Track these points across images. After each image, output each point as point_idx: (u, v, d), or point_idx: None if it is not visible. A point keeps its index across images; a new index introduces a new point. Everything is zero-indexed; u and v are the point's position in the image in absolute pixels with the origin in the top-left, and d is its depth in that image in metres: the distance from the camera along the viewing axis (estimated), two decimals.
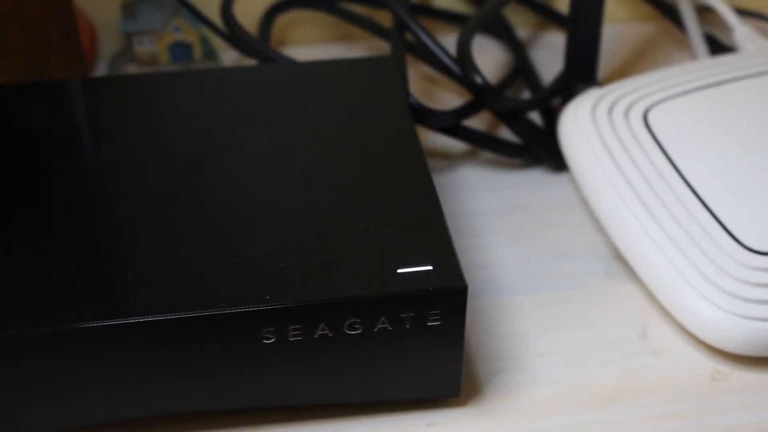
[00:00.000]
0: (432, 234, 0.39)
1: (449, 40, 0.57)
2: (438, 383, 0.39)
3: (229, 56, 0.64)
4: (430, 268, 0.37)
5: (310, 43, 0.66)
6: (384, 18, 0.64)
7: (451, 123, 0.52)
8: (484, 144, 0.53)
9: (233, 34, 0.56)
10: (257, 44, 0.55)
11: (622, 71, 0.62)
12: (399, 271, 0.37)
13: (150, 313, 0.35)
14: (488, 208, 0.51)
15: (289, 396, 0.39)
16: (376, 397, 0.39)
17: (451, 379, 0.39)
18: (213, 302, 0.36)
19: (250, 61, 0.62)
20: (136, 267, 0.37)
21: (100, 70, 0.63)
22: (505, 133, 0.56)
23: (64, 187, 0.42)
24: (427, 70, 0.62)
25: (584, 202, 0.51)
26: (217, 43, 0.63)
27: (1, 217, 0.40)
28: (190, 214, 0.40)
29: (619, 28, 0.66)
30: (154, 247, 0.38)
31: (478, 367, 0.42)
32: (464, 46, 0.52)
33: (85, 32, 0.62)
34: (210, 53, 0.62)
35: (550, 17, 0.66)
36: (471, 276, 0.46)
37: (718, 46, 0.61)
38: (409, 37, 0.59)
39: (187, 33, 0.60)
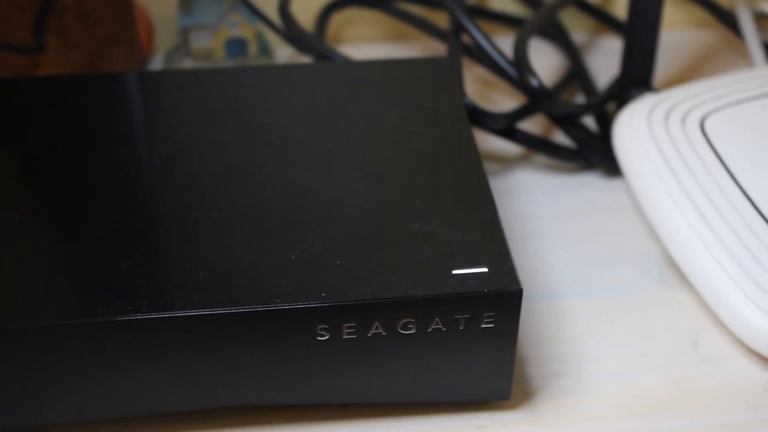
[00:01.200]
0: (488, 236, 0.39)
1: (503, 43, 0.57)
2: (489, 385, 0.39)
3: (283, 53, 0.64)
4: (486, 270, 0.37)
5: (364, 41, 0.66)
6: (439, 19, 0.64)
7: (505, 125, 0.52)
8: (538, 147, 0.53)
9: (290, 30, 0.56)
10: (314, 42, 0.55)
11: (678, 77, 0.62)
12: (454, 272, 0.37)
13: (206, 307, 0.36)
14: (541, 211, 0.51)
15: (340, 393, 0.39)
16: (427, 398, 0.39)
17: (503, 381, 0.39)
18: (268, 298, 0.36)
19: (305, 59, 0.62)
20: (193, 261, 0.38)
21: (156, 64, 0.64)
22: (559, 137, 0.56)
23: (120, 180, 0.42)
24: (481, 72, 0.62)
25: (638, 208, 0.51)
26: (272, 39, 0.63)
27: (59, 209, 0.40)
28: (247, 209, 0.40)
29: (676, 35, 0.66)
30: (210, 241, 0.39)
31: (529, 371, 0.42)
32: (521, 49, 0.52)
33: (142, 26, 0.62)
34: (265, 50, 0.62)
35: (606, 22, 0.65)
36: (523, 279, 0.46)
37: None
38: (464, 38, 0.58)
39: (243, 29, 0.61)
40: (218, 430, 0.39)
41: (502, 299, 0.37)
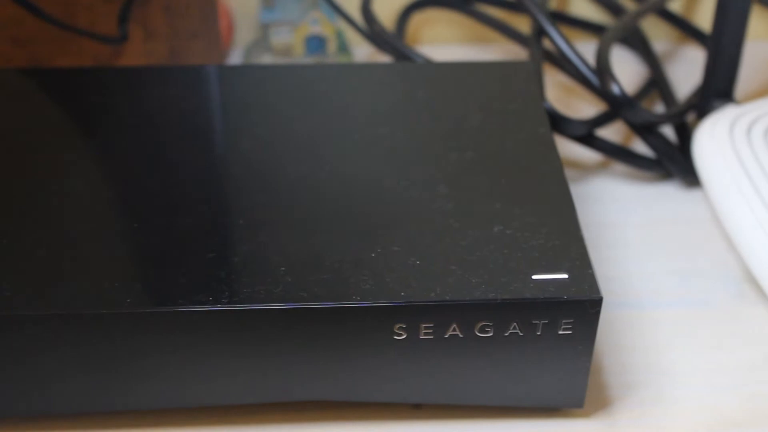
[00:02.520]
0: (568, 242, 0.39)
1: (583, 49, 0.57)
2: (562, 393, 0.39)
3: (360, 52, 0.65)
4: (566, 276, 0.37)
5: (442, 42, 0.66)
6: (518, 22, 0.64)
7: (584, 132, 0.52)
8: (616, 155, 0.52)
9: (371, 29, 0.56)
10: (394, 41, 0.55)
11: (761, 90, 0.61)
12: (534, 277, 0.37)
13: (286, 302, 0.36)
14: (618, 220, 0.51)
15: (413, 393, 0.39)
16: (499, 402, 0.39)
17: (577, 389, 0.39)
18: (348, 295, 0.36)
19: (383, 58, 0.62)
20: (274, 255, 0.38)
21: (235, 58, 0.64)
22: (638, 146, 0.56)
23: (201, 173, 0.43)
24: (560, 77, 0.62)
25: (716, 220, 0.50)
26: (351, 38, 0.63)
27: (142, 198, 0.41)
28: (328, 206, 0.40)
29: (760, 46, 0.65)
30: (291, 236, 0.39)
31: (604, 380, 0.42)
32: (603, 56, 0.52)
33: (224, 20, 0.63)
34: (343, 48, 0.63)
35: (688, 32, 0.65)
36: (601, 287, 0.45)
37: None
38: (544, 43, 0.58)
39: (324, 26, 0.61)
40: (292, 424, 0.40)
41: (582, 307, 0.36)
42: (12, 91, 0.48)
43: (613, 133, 0.57)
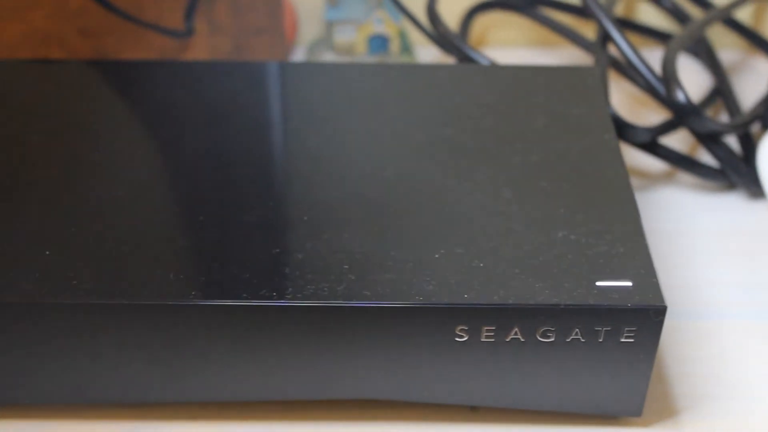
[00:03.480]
0: (632, 250, 0.38)
1: (647, 56, 0.56)
2: (621, 401, 0.39)
3: (422, 53, 0.65)
4: (630, 284, 0.37)
5: (505, 45, 0.66)
6: (583, 28, 0.63)
7: (648, 139, 0.52)
8: (680, 164, 0.52)
9: (436, 30, 0.56)
10: (459, 43, 0.55)
11: None
12: (598, 284, 0.37)
13: (349, 300, 0.36)
14: (681, 229, 0.50)
15: (471, 395, 0.39)
16: (557, 408, 0.39)
17: (636, 398, 0.39)
18: (411, 295, 0.36)
19: (446, 59, 0.62)
20: (338, 253, 0.38)
21: (298, 55, 0.64)
22: (703, 156, 0.55)
23: (266, 168, 0.43)
24: (624, 84, 0.61)
25: None
26: (414, 38, 0.63)
27: (208, 192, 0.41)
28: (392, 205, 0.41)
29: None
30: (355, 234, 0.39)
31: (668, 390, 0.41)
32: (669, 64, 0.51)
33: (288, 17, 0.63)
34: (406, 48, 0.63)
35: (754, 41, 0.64)
36: (664, 296, 0.45)
37: None
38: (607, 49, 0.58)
39: (388, 26, 0.61)
40: (350, 422, 0.40)
41: (645, 315, 0.36)
42: (78, 82, 0.49)
43: (677, 141, 0.56)
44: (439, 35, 0.56)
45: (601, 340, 0.37)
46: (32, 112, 0.46)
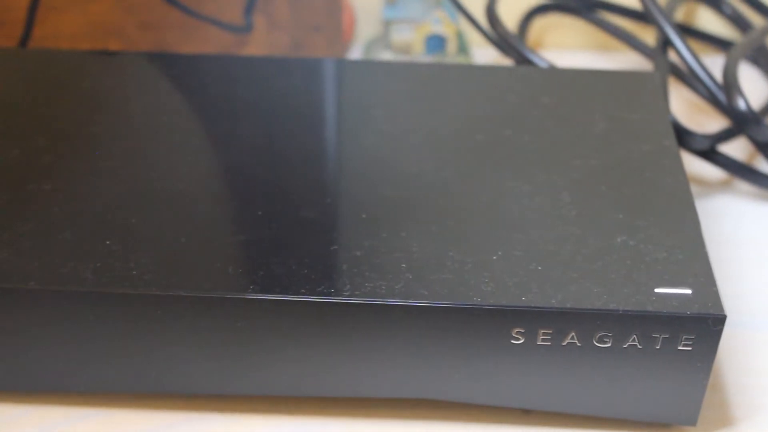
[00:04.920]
0: (692, 257, 0.38)
1: (708, 63, 0.56)
2: (676, 409, 0.39)
3: (479, 53, 0.65)
4: (689, 292, 0.36)
5: (563, 48, 0.66)
6: (641, 33, 0.63)
7: (707, 146, 0.51)
8: (738, 172, 0.52)
9: (495, 31, 0.56)
10: (518, 44, 0.55)
11: None
12: (657, 290, 0.37)
13: (407, 298, 0.36)
14: (738, 237, 0.50)
15: (525, 398, 0.39)
16: (611, 413, 0.39)
17: (691, 406, 0.38)
18: (469, 296, 0.36)
19: (502, 60, 0.62)
20: (396, 251, 0.38)
21: (354, 53, 0.65)
22: (761, 164, 0.55)
23: (322, 164, 0.43)
24: (682, 90, 0.61)
25: None
26: (471, 39, 0.63)
27: (265, 188, 0.41)
28: (450, 205, 0.41)
29: None
30: (413, 233, 0.39)
31: (726, 399, 0.41)
32: (731, 71, 0.51)
33: (346, 15, 0.63)
34: (463, 49, 0.62)
35: None
36: (723, 304, 0.44)
37: None
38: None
39: (445, 26, 0.61)
40: (402, 421, 0.40)
41: (704, 323, 0.36)
42: (137, 74, 0.49)
43: (735, 149, 0.56)
44: (498, 36, 0.56)
45: (658, 347, 0.37)
46: (92, 103, 0.47)
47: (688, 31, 0.64)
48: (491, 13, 0.57)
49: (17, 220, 0.39)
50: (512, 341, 0.37)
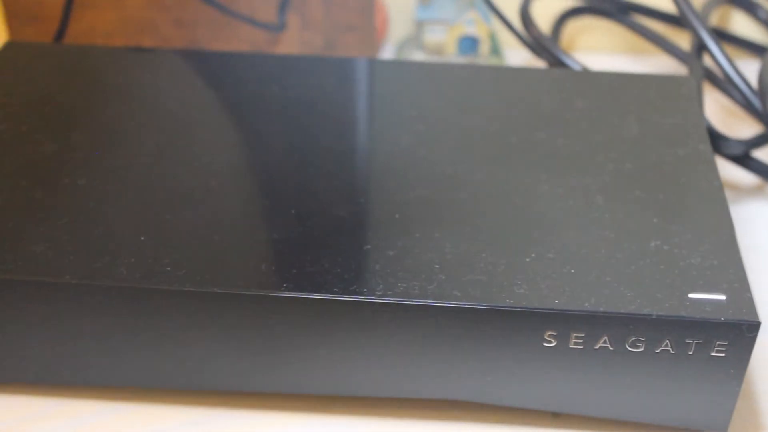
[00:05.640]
0: (726, 263, 0.38)
1: (742, 68, 0.55)
2: (707, 415, 0.38)
3: (511, 55, 0.64)
4: (723, 298, 0.36)
5: (596, 51, 0.66)
6: (676, 36, 0.63)
7: (741, 152, 0.51)
8: None
9: (529, 33, 0.56)
10: (552, 46, 0.55)
11: None
12: (690, 296, 0.36)
13: (439, 299, 0.36)
14: None
15: (555, 401, 0.39)
16: (641, 418, 0.39)
17: (723, 413, 0.38)
18: (502, 298, 0.36)
19: (535, 62, 0.62)
20: (430, 252, 0.38)
21: (386, 53, 0.65)
22: None
23: (355, 163, 0.43)
24: (716, 94, 0.60)
25: None
26: (503, 41, 0.63)
27: (296, 187, 0.41)
28: (483, 206, 0.40)
29: None
30: (446, 234, 0.39)
31: (758, 407, 0.41)
32: (766, 77, 0.51)
33: (379, 15, 0.63)
34: (496, 50, 0.62)
35: None
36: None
37: None
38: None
39: (478, 27, 0.61)
40: (430, 421, 0.40)
41: (738, 330, 0.36)
42: (170, 71, 0.49)
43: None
44: (532, 38, 0.56)
45: (691, 353, 0.36)
46: (126, 99, 0.47)
47: (722, 35, 0.64)
48: (525, 15, 0.57)
49: (52, 215, 0.39)
50: (544, 344, 0.37)
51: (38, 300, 0.37)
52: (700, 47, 0.55)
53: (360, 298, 0.36)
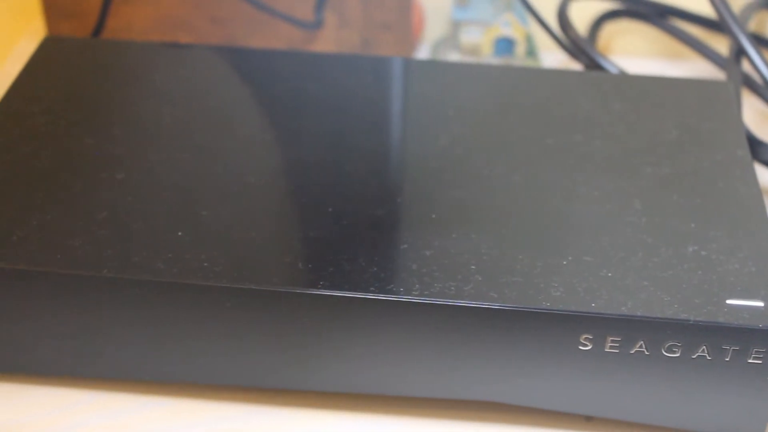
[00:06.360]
0: (764, 270, 0.38)
1: None
2: (742, 422, 0.38)
3: (547, 57, 0.64)
4: (761, 304, 0.36)
5: (632, 54, 0.65)
6: (713, 41, 0.63)
7: None
8: None
9: (566, 35, 0.56)
10: (589, 49, 0.55)
11: None
12: (728, 302, 0.36)
13: (475, 300, 0.36)
14: None
15: (589, 405, 0.38)
16: (674, 424, 0.39)
17: (758, 420, 0.38)
18: (538, 300, 0.36)
19: (570, 65, 0.62)
20: (466, 252, 0.38)
21: (422, 53, 0.64)
22: None
23: (391, 164, 0.43)
24: (753, 100, 0.60)
25: None
26: (540, 43, 0.63)
27: (333, 185, 0.41)
28: (520, 208, 0.40)
29: None
30: (483, 235, 0.39)
31: None
32: None
33: (415, 14, 0.63)
34: (532, 52, 0.62)
35: None
36: None
37: None
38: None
39: (515, 29, 0.61)
40: (463, 422, 0.40)
41: None
42: (207, 68, 0.50)
43: None
44: (569, 41, 0.56)
45: (727, 359, 0.36)
46: (163, 95, 0.47)
47: (760, 40, 0.63)
48: (563, 17, 0.57)
49: (91, 209, 0.39)
50: (580, 347, 0.36)
51: (75, 293, 0.37)
52: (739, 52, 0.55)
53: (396, 298, 0.36)
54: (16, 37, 0.64)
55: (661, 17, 0.62)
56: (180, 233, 0.38)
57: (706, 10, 0.62)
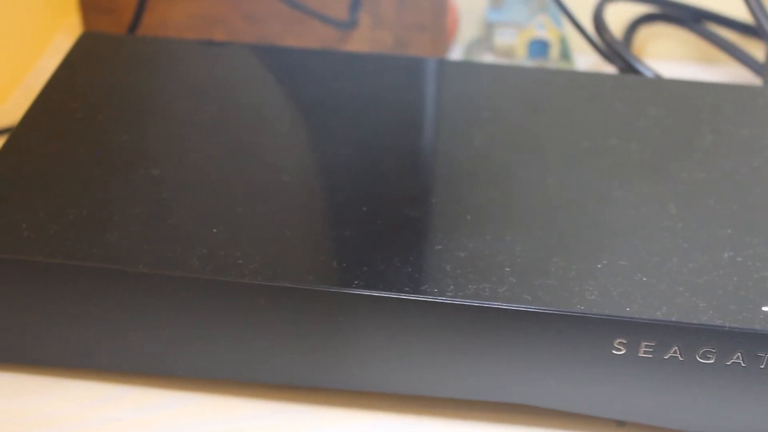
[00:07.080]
0: None
1: None
2: None
3: (581, 60, 0.64)
4: None
5: (667, 58, 0.65)
6: (749, 46, 0.62)
7: None
8: None
9: (602, 38, 0.56)
10: (625, 52, 0.54)
11: None
12: (764, 308, 0.36)
13: (509, 302, 0.36)
14: None
15: (621, 410, 0.38)
16: (707, 430, 0.38)
17: None
18: (573, 303, 0.36)
19: (604, 67, 0.62)
20: (500, 254, 0.38)
21: (455, 54, 0.64)
22: None
23: (425, 164, 0.43)
24: None
25: None
26: (574, 45, 0.63)
27: (368, 185, 0.41)
28: (554, 210, 0.40)
29: None
30: (517, 237, 0.39)
31: None
32: None
33: (450, 15, 0.63)
34: (566, 54, 0.62)
35: None
36: None
37: None
38: None
39: (549, 31, 0.60)
40: (494, 424, 0.40)
41: None
42: (241, 66, 0.50)
43: None
44: (604, 44, 0.56)
45: (762, 367, 0.36)
46: (197, 91, 0.47)
47: None
48: (599, 20, 0.56)
49: (126, 204, 0.40)
50: (614, 351, 0.36)
51: (110, 288, 0.37)
52: None
53: (430, 299, 0.36)
54: (53, 33, 0.64)
55: (696, 21, 0.62)
56: (215, 230, 0.38)
57: (743, 14, 0.62)
